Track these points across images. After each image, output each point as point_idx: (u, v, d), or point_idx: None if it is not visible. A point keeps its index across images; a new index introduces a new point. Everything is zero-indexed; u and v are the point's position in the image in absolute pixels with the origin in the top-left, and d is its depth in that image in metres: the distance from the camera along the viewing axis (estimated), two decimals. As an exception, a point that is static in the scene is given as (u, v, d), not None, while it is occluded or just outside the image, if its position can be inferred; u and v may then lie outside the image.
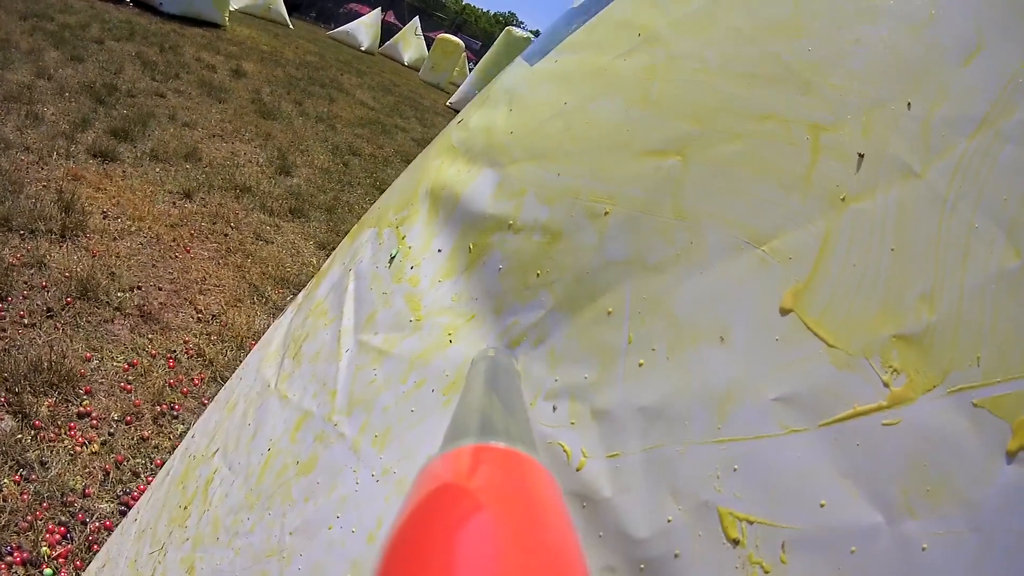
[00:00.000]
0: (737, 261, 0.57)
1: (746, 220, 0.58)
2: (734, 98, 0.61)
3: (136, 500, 2.24)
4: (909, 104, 0.56)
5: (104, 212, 4.19)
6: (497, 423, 0.42)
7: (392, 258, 0.84)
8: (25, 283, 3.19)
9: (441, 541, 0.25)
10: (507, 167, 0.75)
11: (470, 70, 21.77)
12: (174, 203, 4.78)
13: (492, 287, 0.72)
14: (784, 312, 0.55)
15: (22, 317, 2.93)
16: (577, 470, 0.60)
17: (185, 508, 0.96)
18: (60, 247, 3.62)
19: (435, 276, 0.78)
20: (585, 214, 0.66)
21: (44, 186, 4.19)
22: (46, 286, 3.22)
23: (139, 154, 5.36)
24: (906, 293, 0.53)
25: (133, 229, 4.14)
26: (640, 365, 0.59)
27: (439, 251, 0.79)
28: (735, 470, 0.54)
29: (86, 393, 2.67)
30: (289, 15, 21.62)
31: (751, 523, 0.53)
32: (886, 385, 0.52)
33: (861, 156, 0.56)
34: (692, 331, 0.58)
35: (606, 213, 0.65)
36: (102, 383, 2.78)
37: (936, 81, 0.56)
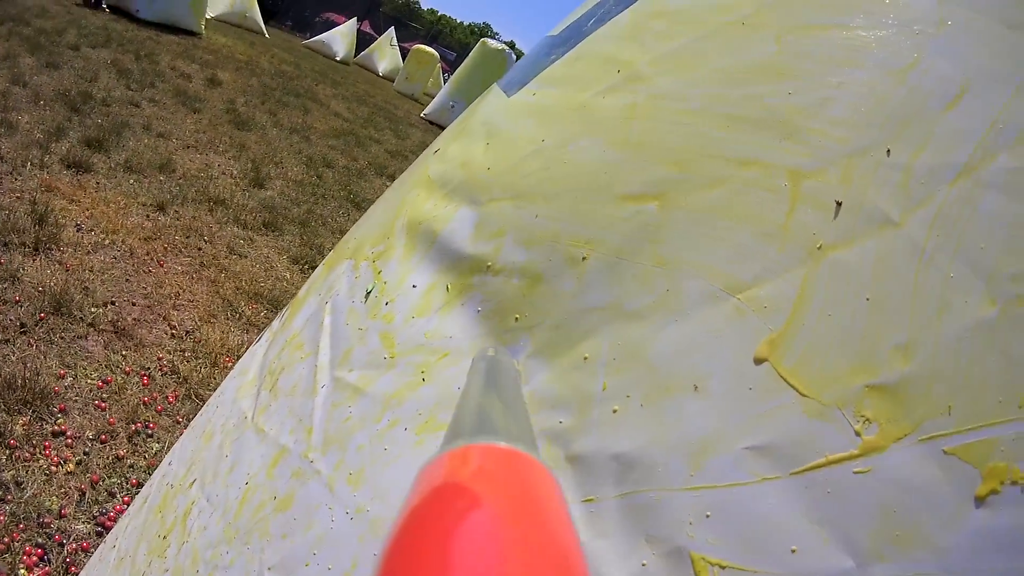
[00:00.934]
0: (714, 310, 0.58)
1: (723, 268, 0.58)
2: (715, 142, 0.61)
3: (112, 521, 2.21)
4: (889, 151, 0.56)
5: (78, 224, 4.13)
6: (497, 422, 0.41)
7: (368, 293, 0.84)
8: (-3, 298, 3.14)
9: (442, 540, 0.25)
10: (485, 205, 0.75)
11: (445, 81, 21.79)
12: (148, 216, 4.72)
13: (471, 328, 0.71)
14: (758, 362, 0.55)
15: (-6, 333, 2.89)
16: (553, 515, 0.60)
17: (164, 538, 0.95)
18: (33, 260, 3.57)
19: (408, 313, 0.77)
20: (564, 259, 0.66)
21: (17, 197, 4.12)
22: (19, 300, 3.16)
23: (113, 165, 5.29)
24: (881, 343, 0.53)
25: (107, 242, 4.08)
26: (614, 412, 0.59)
27: (413, 287, 0.78)
28: (708, 517, 0.54)
29: (60, 411, 2.62)
30: (265, 23, 21.56)
31: (723, 568, 0.53)
32: (858, 434, 0.53)
33: (839, 204, 0.56)
34: (668, 379, 0.58)
35: (584, 258, 0.65)
36: (76, 401, 2.73)
37: (918, 127, 0.56)
